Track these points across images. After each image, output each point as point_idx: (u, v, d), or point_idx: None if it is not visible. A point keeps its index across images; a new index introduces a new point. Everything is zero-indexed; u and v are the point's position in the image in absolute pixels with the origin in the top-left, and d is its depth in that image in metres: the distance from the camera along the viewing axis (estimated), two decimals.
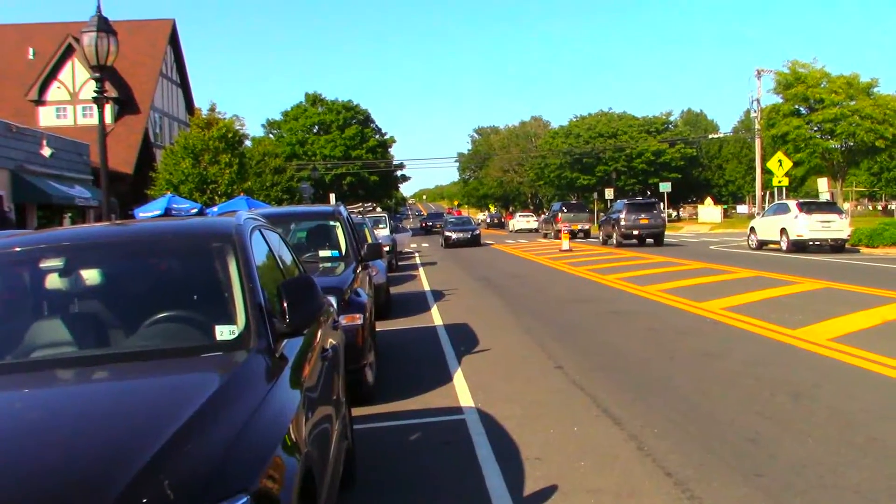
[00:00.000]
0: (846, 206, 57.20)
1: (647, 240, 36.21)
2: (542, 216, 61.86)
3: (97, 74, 13.50)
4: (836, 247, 28.32)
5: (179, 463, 2.52)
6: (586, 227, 48.29)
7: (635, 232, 35.73)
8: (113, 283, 4.34)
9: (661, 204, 69.18)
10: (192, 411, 2.81)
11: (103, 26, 13.15)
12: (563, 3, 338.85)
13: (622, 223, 35.91)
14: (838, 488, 5.19)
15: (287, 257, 5.46)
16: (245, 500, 2.45)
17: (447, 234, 43.41)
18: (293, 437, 3.12)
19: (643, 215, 36.05)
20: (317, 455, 3.56)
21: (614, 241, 36.74)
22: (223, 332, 3.73)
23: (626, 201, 39.14)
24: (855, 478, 5.35)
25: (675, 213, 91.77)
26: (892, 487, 5.17)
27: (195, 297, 4.11)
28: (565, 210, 49.35)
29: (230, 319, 3.77)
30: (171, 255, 4.42)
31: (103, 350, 3.78)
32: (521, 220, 72.52)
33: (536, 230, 62.10)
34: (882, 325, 11.54)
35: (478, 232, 44.26)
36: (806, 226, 27.93)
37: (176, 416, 2.77)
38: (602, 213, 48.31)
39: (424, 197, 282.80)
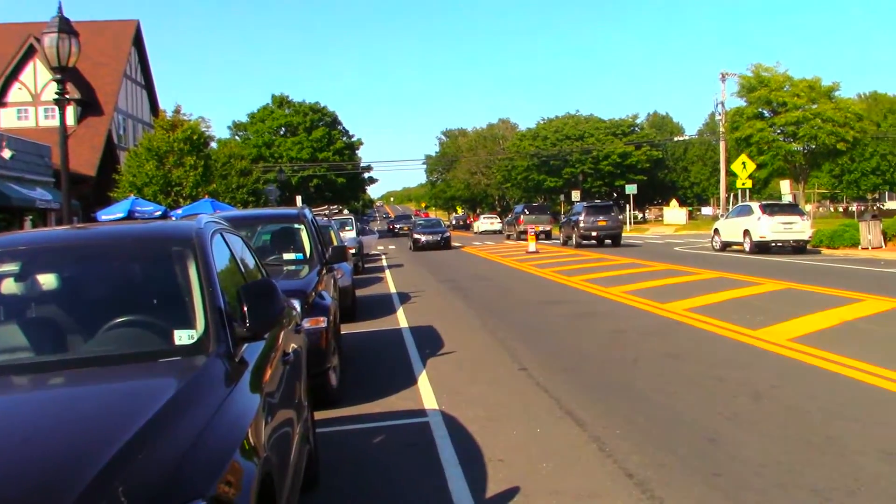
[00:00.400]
0: (808, 207, 58.05)
1: (606, 241, 37.46)
2: (506, 218, 62.77)
3: (59, 76, 13.34)
4: (798, 248, 28.74)
5: (134, 469, 2.49)
6: (548, 228, 49.14)
7: (594, 233, 37.24)
8: (71, 288, 4.29)
9: (626, 205, 69.92)
10: (149, 417, 2.78)
11: (65, 27, 12.99)
12: (530, 6, 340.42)
13: (581, 225, 37.37)
14: (796, 487, 5.27)
15: (249, 261, 5.44)
16: None
17: (416, 236, 42.28)
18: (252, 441, 3.11)
19: (601, 217, 37.61)
20: (276, 459, 3.55)
21: (574, 242, 38.06)
22: (182, 337, 3.70)
23: (585, 204, 40.64)
24: (812, 476, 5.44)
25: (640, 215, 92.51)
26: (849, 486, 5.26)
27: (154, 301, 4.08)
28: (527, 212, 50.67)
29: (189, 324, 3.75)
30: (131, 259, 4.38)
31: (60, 356, 3.73)
32: (486, 222, 73.95)
33: (500, 232, 62.83)
34: (840, 326, 11.73)
35: (448, 235, 43.16)
36: (769, 227, 28.30)
37: (131, 422, 2.74)
38: (563, 216, 49.30)
39: (392, 199, 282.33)
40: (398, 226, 78.25)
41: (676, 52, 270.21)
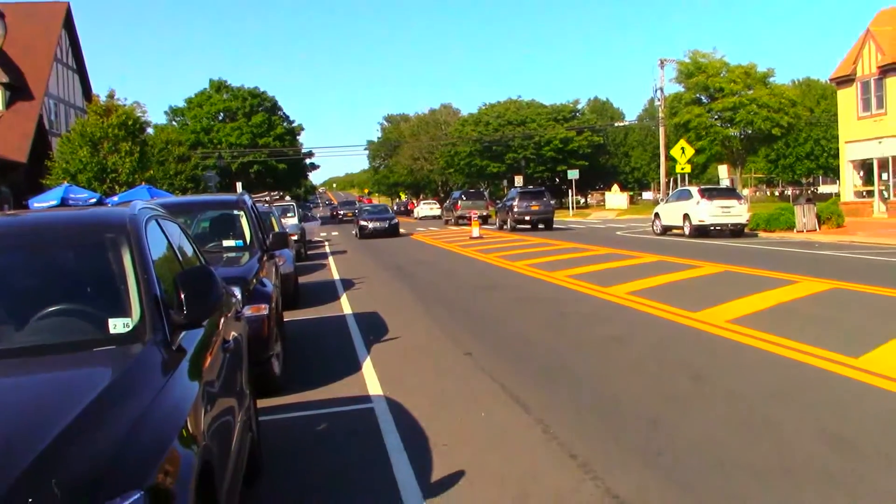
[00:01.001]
0: (745, 191, 59.29)
1: (539, 225, 39.52)
2: (445, 204, 64.25)
3: None
4: (736, 231, 29.33)
5: (68, 461, 2.43)
6: (484, 213, 49.53)
7: (527, 217, 39.36)
8: (2, 276, 4.15)
9: (568, 190, 70.56)
10: (83, 407, 2.71)
11: None
12: None
13: (515, 210, 39.38)
14: (734, 466, 5.36)
15: (187, 248, 5.32)
16: (138, 496, 2.37)
17: (362, 223, 40.00)
18: (190, 430, 3.04)
19: (534, 202, 39.64)
20: (217, 448, 3.49)
21: (509, 226, 40.20)
22: (117, 325, 3.61)
23: (518, 190, 43.52)
24: (749, 456, 5.54)
25: (583, 200, 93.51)
26: (784, 465, 5.38)
27: (88, 289, 3.97)
28: (464, 198, 52.33)
29: (124, 312, 3.66)
30: (63, 246, 4.25)
31: None
32: (426, 208, 75.87)
33: (440, 217, 63.66)
34: (776, 307, 11.98)
35: (396, 221, 40.91)
36: (707, 211, 28.82)
37: (65, 413, 2.66)
38: (498, 202, 51.92)
39: (335, 185, 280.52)
40: (342, 212, 74.58)
41: (616, 39, 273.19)
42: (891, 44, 37.32)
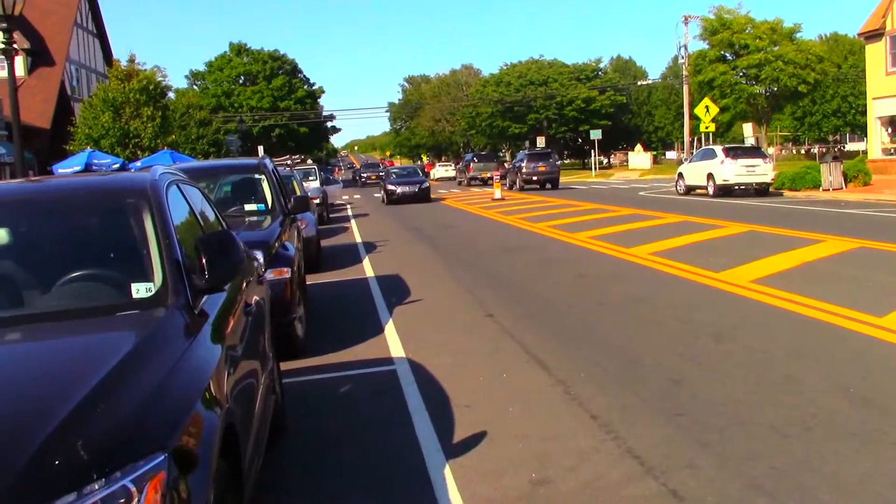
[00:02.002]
0: (770, 150, 58.55)
1: (546, 184, 42.17)
2: (457, 165, 66.30)
3: (4, 24, 12.93)
4: (761, 191, 29.03)
5: (93, 423, 2.47)
6: (496, 174, 50.27)
7: (534, 178, 41.86)
8: (25, 242, 4.21)
9: (591, 151, 70.09)
10: (107, 371, 2.75)
11: None
12: None
13: (523, 171, 42.16)
14: (755, 425, 5.36)
15: (209, 212, 5.35)
16: (162, 458, 2.42)
17: (390, 187, 36.44)
18: (213, 392, 3.08)
19: (541, 163, 42.55)
20: (240, 410, 3.53)
21: (518, 186, 42.47)
22: (139, 290, 3.65)
23: (526, 152, 46.58)
24: (770, 415, 5.54)
25: (605, 160, 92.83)
26: (805, 422, 5.37)
27: (110, 254, 4.00)
28: (476, 160, 55.83)
29: (146, 277, 3.69)
30: (84, 212, 4.28)
31: (16, 311, 3.66)
32: (441, 170, 75.94)
33: (454, 178, 64.65)
34: (801, 266, 11.90)
35: (427, 185, 37.08)
36: (731, 171, 28.52)
37: (90, 376, 2.71)
38: (507, 163, 55.91)
39: (356, 148, 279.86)
40: (365, 175, 69.09)
41: None
42: None
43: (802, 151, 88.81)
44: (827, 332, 7.88)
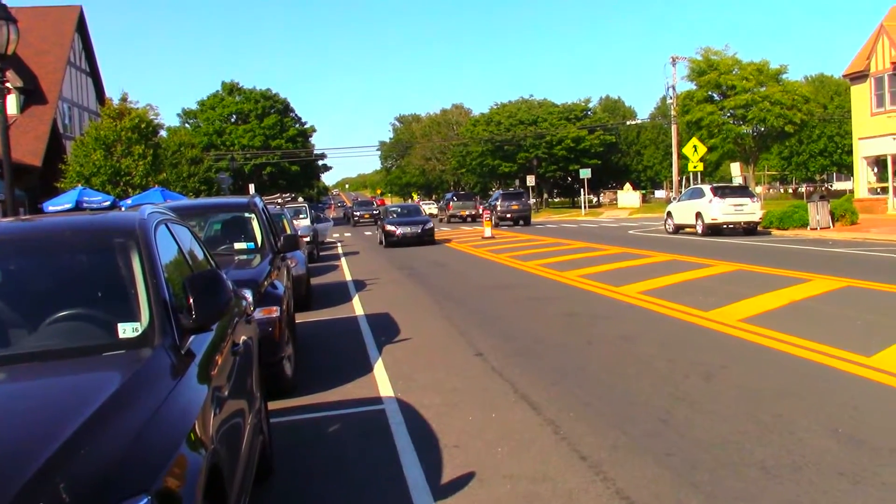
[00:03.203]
0: (758, 189, 59.02)
1: (519, 221, 46.34)
2: (439, 203, 69.70)
3: None
4: (749, 229, 29.22)
5: (77, 464, 2.45)
6: (473, 212, 56.66)
7: (508, 215, 45.65)
8: (12, 281, 4.20)
9: (581, 189, 70.44)
10: (91, 412, 2.73)
11: (3, 14, 12.61)
12: None
13: (498, 209, 45.43)
14: (745, 465, 5.35)
15: (197, 251, 5.35)
16: (146, 500, 2.40)
17: (389, 228, 32.16)
18: (198, 433, 3.06)
19: (514, 202, 47.15)
20: (226, 451, 3.51)
21: (494, 223, 42.88)
22: (126, 330, 3.64)
23: (501, 192, 52.26)
24: (760, 454, 5.53)
25: (595, 199, 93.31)
26: (795, 462, 5.36)
27: (98, 294, 4.00)
28: (456, 199, 60.69)
29: (133, 316, 3.68)
30: (73, 251, 4.29)
31: (2, 351, 3.64)
32: (424, 207, 75.91)
33: (436, 215, 66.31)
34: (789, 305, 11.94)
35: (430, 226, 32.66)
36: (720, 210, 28.72)
37: (74, 417, 2.69)
38: (484, 202, 58.82)
39: (347, 186, 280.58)
40: (358, 213, 65.70)
41: (627, 37, 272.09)
42: None
43: (790, 190, 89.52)
44: (816, 372, 7.89)
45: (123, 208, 6.27)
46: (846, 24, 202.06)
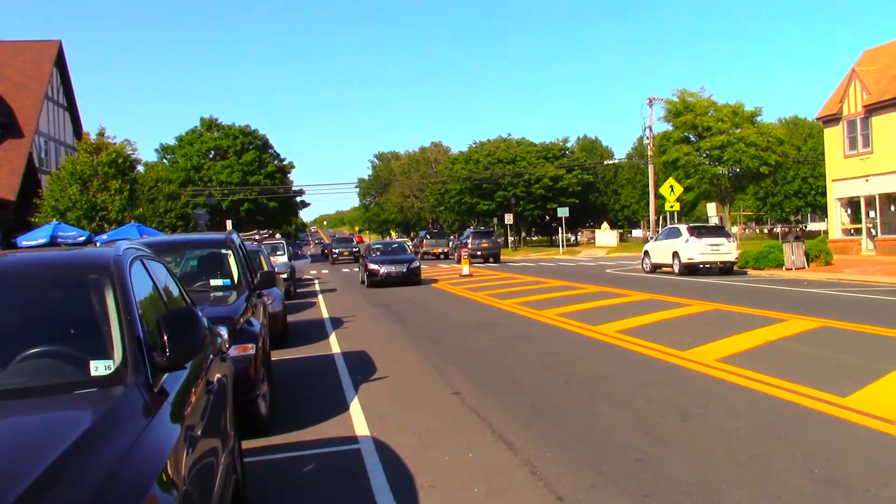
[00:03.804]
0: (734, 229, 59.56)
1: (489, 258, 48.70)
2: (412, 241, 70.10)
3: None
4: (725, 269, 29.39)
5: None
6: (446, 250, 59.84)
7: (478, 253, 47.12)
8: None
9: (559, 228, 70.80)
10: (61, 451, 2.68)
11: None
12: (460, 31, 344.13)
13: (469, 246, 45.86)
14: None
15: (173, 288, 5.31)
16: None
17: (373, 267, 30.10)
18: (170, 474, 3.01)
19: (484, 240, 49.44)
20: (198, 491, 3.45)
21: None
22: (98, 367, 3.58)
23: (472, 230, 55.33)
24: (737, 495, 5.52)
25: (573, 238, 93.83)
26: (773, 503, 5.35)
27: (70, 331, 3.94)
28: (429, 237, 63.64)
29: (106, 354, 3.63)
30: (46, 287, 4.23)
31: None
32: None
33: None
34: (765, 345, 12.00)
35: (416, 264, 31.13)
36: (696, 249, 28.91)
37: (42, 456, 2.64)
38: (455, 239, 62.90)
39: (325, 223, 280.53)
40: (337, 250, 62.13)
41: (605, 78, 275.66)
42: (876, 83, 37.82)
43: (765, 231, 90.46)
44: (792, 412, 7.91)
45: (98, 244, 6.20)
46: (819, 68, 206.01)
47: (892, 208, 37.24)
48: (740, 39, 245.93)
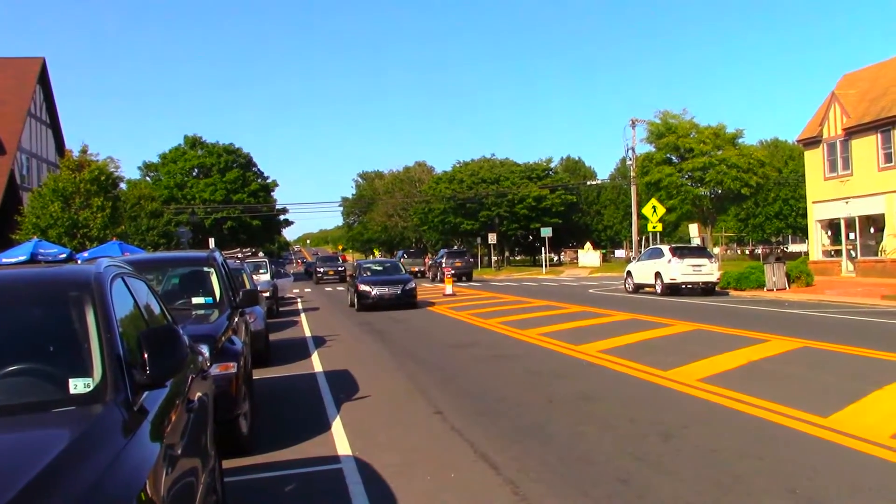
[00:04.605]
0: (716, 250, 59.89)
1: (462, 277, 51.76)
2: None
3: None
4: (707, 289, 29.54)
5: None
6: (422, 268, 62.64)
7: (452, 271, 46.36)
8: None
9: (542, 248, 70.97)
10: (38, 470, 2.66)
11: None
12: (445, 52, 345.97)
13: (443, 265, 49.62)
14: None
15: (154, 306, 5.28)
16: None
17: (364, 288, 27.26)
18: (149, 493, 2.98)
19: (457, 259, 53.82)
20: None
21: (439, 278, 49.02)
22: (77, 385, 3.55)
23: (446, 251, 58.89)
24: None
25: (556, 258, 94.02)
26: None
27: (50, 348, 3.90)
28: (406, 256, 66.43)
29: (86, 372, 3.60)
30: (26, 304, 4.19)
31: None
32: None
33: None
34: (747, 365, 12.04)
35: (412, 285, 28.05)
36: (678, 270, 29.05)
37: (20, 476, 2.61)
38: (431, 259, 65.97)
39: (308, 241, 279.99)
40: (322, 269, 58.86)
41: (588, 99, 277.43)
42: (855, 107, 38.25)
43: (747, 252, 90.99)
44: (773, 432, 7.93)
45: (80, 261, 6.17)
46: (799, 91, 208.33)
47: (872, 230, 37.57)
48: (723, 62, 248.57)
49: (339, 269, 57.90)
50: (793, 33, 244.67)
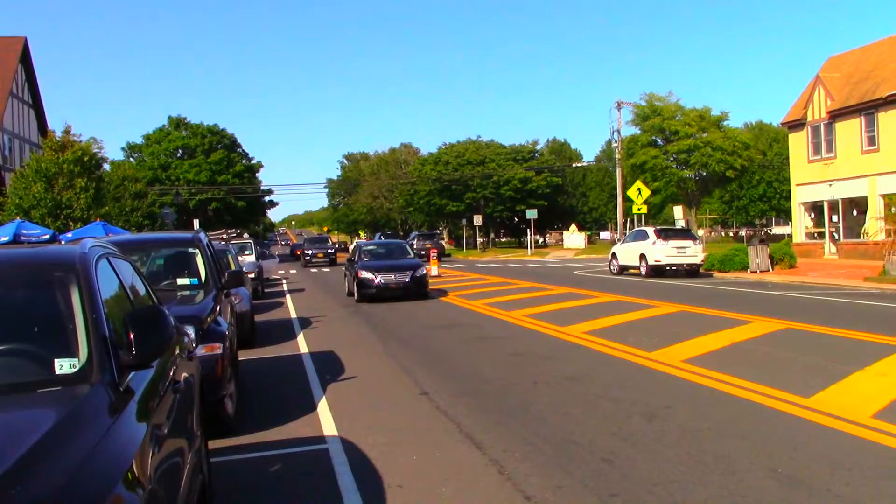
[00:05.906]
0: (700, 232, 60.18)
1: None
2: None
3: None
4: (692, 271, 29.71)
5: None
6: (433, 252, 62.37)
7: (422, 252, 47.75)
8: None
9: (528, 230, 71.07)
10: (24, 451, 2.65)
11: None
12: (430, 34, 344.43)
13: (415, 247, 48.16)
14: None
15: (139, 287, 5.26)
16: None
17: (365, 275, 22.91)
18: (136, 473, 2.98)
19: (428, 242, 56.15)
20: (164, 491, 3.42)
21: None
22: (63, 366, 3.54)
23: (417, 233, 64.30)
24: (702, 494, 5.58)
25: (541, 240, 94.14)
26: (736, 502, 5.41)
27: (35, 329, 3.89)
28: (382, 237, 69.55)
29: (71, 352, 3.59)
30: (10, 284, 4.16)
31: None
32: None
33: None
34: (730, 346, 12.14)
35: (423, 272, 23.61)
36: (663, 252, 29.18)
37: (5, 456, 2.60)
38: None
39: (294, 223, 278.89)
40: (310, 252, 54.27)
41: (574, 81, 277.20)
42: (839, 90, 38.38)
43: (731, 234, 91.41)
44: (756, 412, 8.01)
45: (63, 242, 6.14)
46: (784, 73, 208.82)
47: (855, 213, 37.81)
48: (708, 45, 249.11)
49: (329, 251, 54.04)
50: (778, 17, 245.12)
